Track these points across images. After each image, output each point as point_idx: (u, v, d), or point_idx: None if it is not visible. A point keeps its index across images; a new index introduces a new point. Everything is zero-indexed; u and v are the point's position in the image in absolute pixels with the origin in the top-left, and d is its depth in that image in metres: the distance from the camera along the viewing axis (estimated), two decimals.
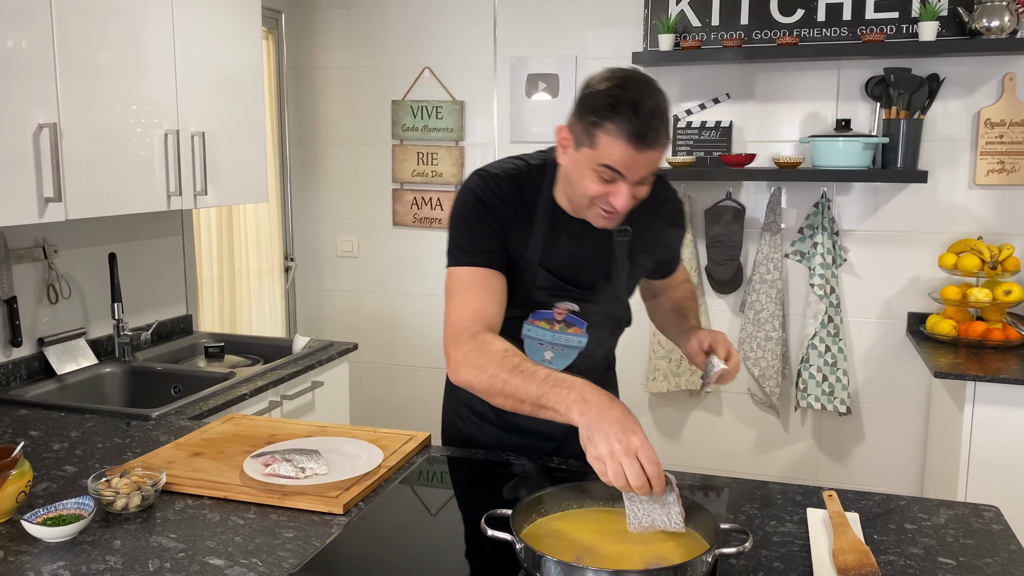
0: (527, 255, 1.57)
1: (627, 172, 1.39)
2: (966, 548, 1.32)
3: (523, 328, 1.63)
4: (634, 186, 1.42)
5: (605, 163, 1.39)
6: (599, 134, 1.37)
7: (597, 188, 1.43)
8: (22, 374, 2.38)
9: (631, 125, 1.34)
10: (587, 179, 1.43)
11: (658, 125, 1.36)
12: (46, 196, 2.04)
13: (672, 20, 3.18)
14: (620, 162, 1.38)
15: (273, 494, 1.46)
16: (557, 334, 1.64)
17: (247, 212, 3.57)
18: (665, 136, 1.39)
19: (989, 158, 3.04)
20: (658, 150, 1.39)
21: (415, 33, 3.62)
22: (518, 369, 1.35)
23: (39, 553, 1.29)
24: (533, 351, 1.65)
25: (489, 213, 1.53)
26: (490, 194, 1.54)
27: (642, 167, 1.39)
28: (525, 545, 1.15)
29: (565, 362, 1.66)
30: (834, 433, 3.36)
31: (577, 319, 1.64)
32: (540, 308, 1.63)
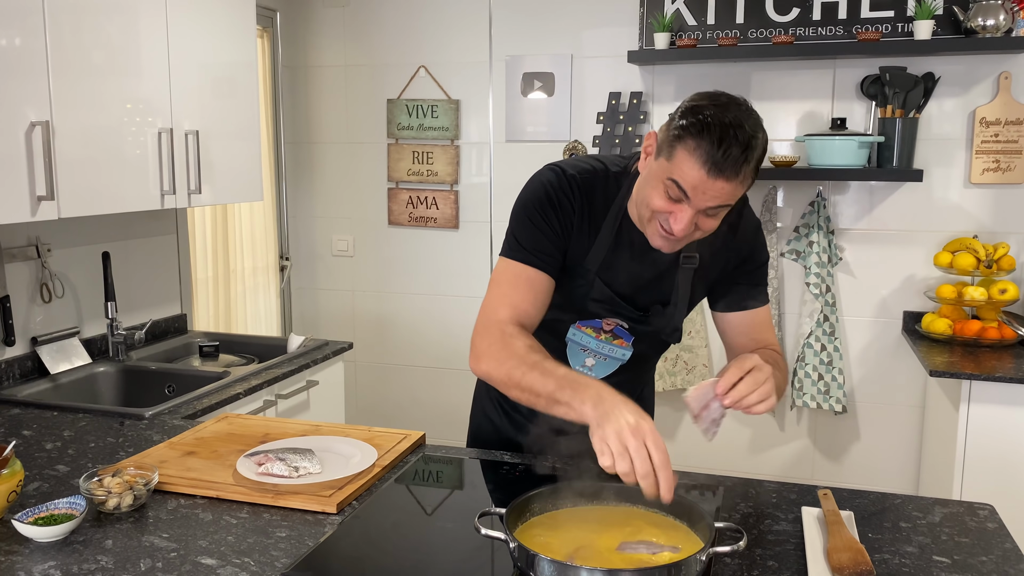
0: (586, 262, 1.52)
1: (693, 195, 1.31)
2: (961, 546, 1.32)
3: (568, 331, 1.60)
4: (699, 214, 1.34)
5: (674, 178, 1.32)
6: (679, 148, 1.31)
7: (661, 203, 1.35)
8: (15, 373, 2.37)
9: (712, 148, 1.27)
10: (655, 191, 1.36)
11: (741, 158, 1.28)
12: (39, 194, 2.03)
13: (668, 19, 3.18)
14: (689, 182, 1.30)
15: (266, 493, 1.46)
16: (602, 343, 1.60)
17: (242, 211, 3.56)
18: (747, 172, 1.30)
19: (984, 157, 3.04)
20: (733, 183, 1.30)
21: (410, 32, 3.61)
22: (539, 365, 1.34)
23: (30, 553, 1.28)
24: (575, 355, 1.62)
25: (554, 213, 1.48)
26: (560, 194, 1.49)
27: (710, 196, 1.31)
28: (518, 544, 1.15)
29: (605, 372, 1.63)
30: (830, 432, 3.36)
31: (625, 332, 1.59)
32: (589, 316, 1.58)
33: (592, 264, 1.52)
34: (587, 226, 1.51)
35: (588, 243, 1.51)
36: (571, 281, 1.53)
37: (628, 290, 1.54)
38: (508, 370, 1.37)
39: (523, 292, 1.47)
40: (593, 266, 1.52)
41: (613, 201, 1.51)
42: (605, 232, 1.50)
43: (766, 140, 1.33)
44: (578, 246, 1.51)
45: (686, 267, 1.53)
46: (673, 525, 1.29)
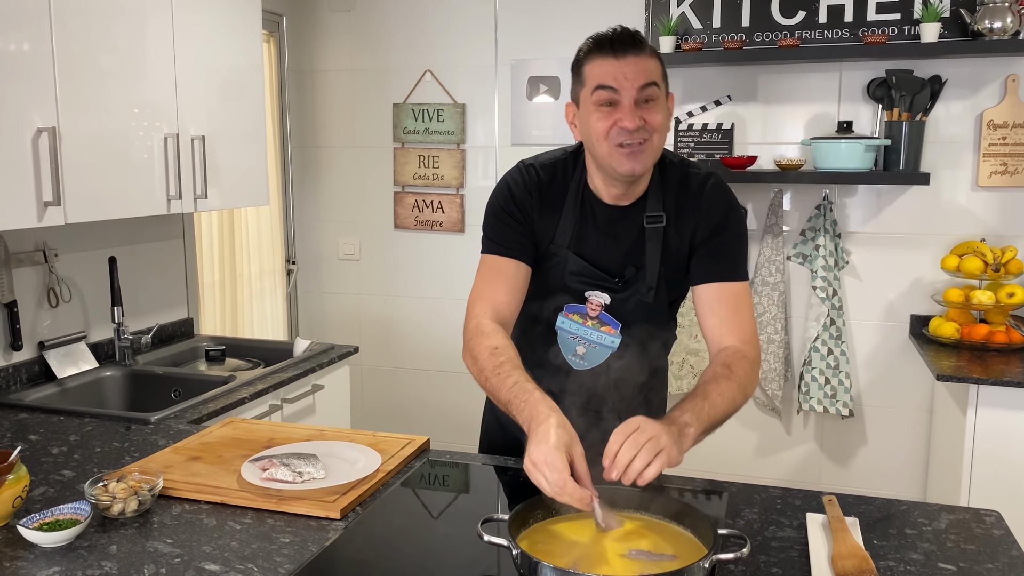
0: (557, 239, 1.60)
1: (617, 84, 1.43)
2: (966, 553, 1.31)
3: (557, 320, 1.64)
4: (637, 106, 1.44)
5: (597, 85, 1.44)
6: (585, 69, 1.48)
7: (604, 122, 1.45)
8: (22, 378, 2.38)
9: (604, 40, 1.46)
10: (594, 120, 1.46)
11: (631, 32, 1.45)
12: (45, 200, 2.04)
13: (673, 22, 3.17)
14: (606, 76, 1.43)
15: (270, 499, 1.46)
16: (590, 330, 1.63)
17: (248, 215, 3.57)
18: (644, 43, 1.46)
19: (992, 160, 3.03)
20: (641, 56, 1.44)
21: (416, 36, 3.62)
22: (496, 371, 1.42)
23: (35, 559, 1.29)
24: (566, 344, 1.66)
25: (516, 204, 1.59)
26: (519, 186, 1.60)
27: (631, 76, 1.43)
28: (521, 551, 1.14)
29: (597, 360, 1.65)
30: (837, 436, 3.35)
31: (611, 318, 1.62)
32: (573, 299, 1.63)
33: (562, 240, 1.60)
34: (552, 209, 1.60)
35: (556, 224, 1.60)
36: (548, 262, 1.62)
37: (600, 258, 1.60)
38: (478, 370, 1.48)
39: (495, 283, 1.58)
40: (564, 242, 1.60)
41: (573, 178, 1.61)
42: (569, 209, 1.60)
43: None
44: (546, 227, 1.60)
45: (652, 227, 1.58)
46: (677, 532, 1.29)
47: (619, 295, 1.61)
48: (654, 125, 1.46)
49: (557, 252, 1.60)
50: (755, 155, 3.20)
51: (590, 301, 1.62)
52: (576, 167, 1.61)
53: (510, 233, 1.59)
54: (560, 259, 1.60)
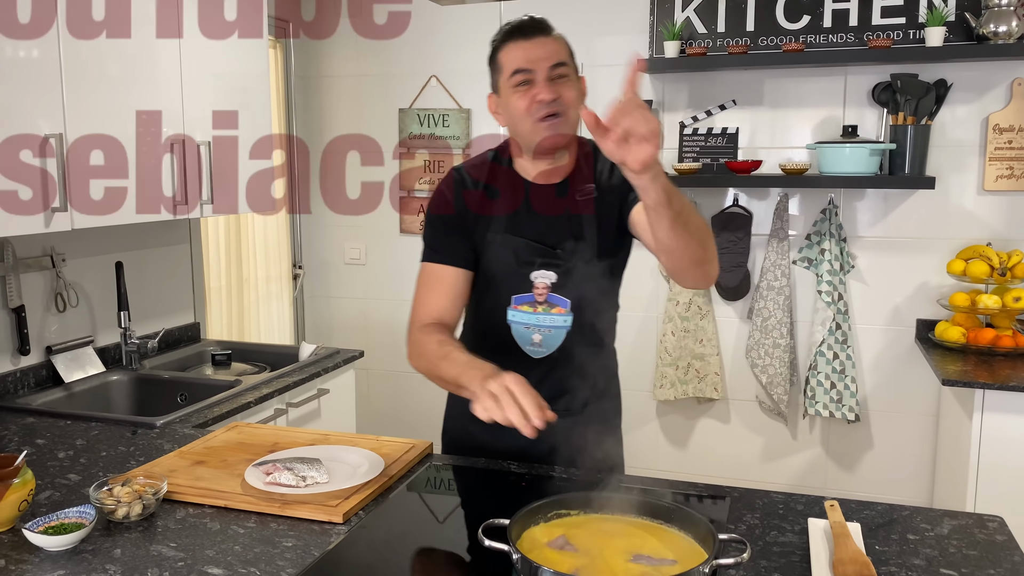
0: (493, 227, 1.67)
1: (531, 64, 1.56)
2: (969, 559, 1.31)
3: (508, 315, 1.68)
4: (551, 82, 1.56)
5: (513, 70, 1.57)
6: (500, 57, 1.60)
7: (523, 100, 1.57)
8: (30, 382, 2.40)
9: (514, 28, 1.60)
10: (514, 100, 1.58)
11: (541, 21, 1.60)
12: (52, 206, 2.05)
13: (678, 27, 3.18)
14: (520, 59, 1.57)
15: (273, 503, 1.47)
16: (541, 316, 1.67)
17: (255, 220, 3.59)
18: (550, 28, 1.61)
19: (998, 164, 3.02)
20: (550, 40, 1.59)
21: (421, 42, 3.63)
22: (445, 356, 1.53)
23: (40, 562, 1.30)
24: (521, 336, 1.69)
25: (446, 208, 1.69)
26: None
27: (541, 56, 1.56)
28: (521, 556, 1.15)
29: (555, 343, 1.69)
30: (842, 441, 3.34)
31: (559, 298, 1.66)
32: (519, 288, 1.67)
33: (498, 227, 1.67)
34: (484, 203, 1.68)
35: (490, 214, 1.68)
36: (489, 252, 1.68)
37: (539, 234, 1.67)
38: (426, 364, 1.58)
39: (433, 288, 1.68)
40: (500, 228, 1.67)
41: (502, 169, 1.70)
42: (504, 198, 1.68)
43: None
44: (483, 223, 1.68)
45: (582, 199, 1.66)
46: (678, 537, 1.29)
47: (563, 268, 1.66)
48: (568, 100, 1.58)
49: (495, 239, 1.67)
50: (760, 160, 3.20)
51: (536, 285, 1.66)
52: (502, 159, 1.71)
53: (445, 240, 1.68)
54: (499, 244, 1.66)
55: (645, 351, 3.47)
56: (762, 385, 3.34)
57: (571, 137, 1.64)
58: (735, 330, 3.40)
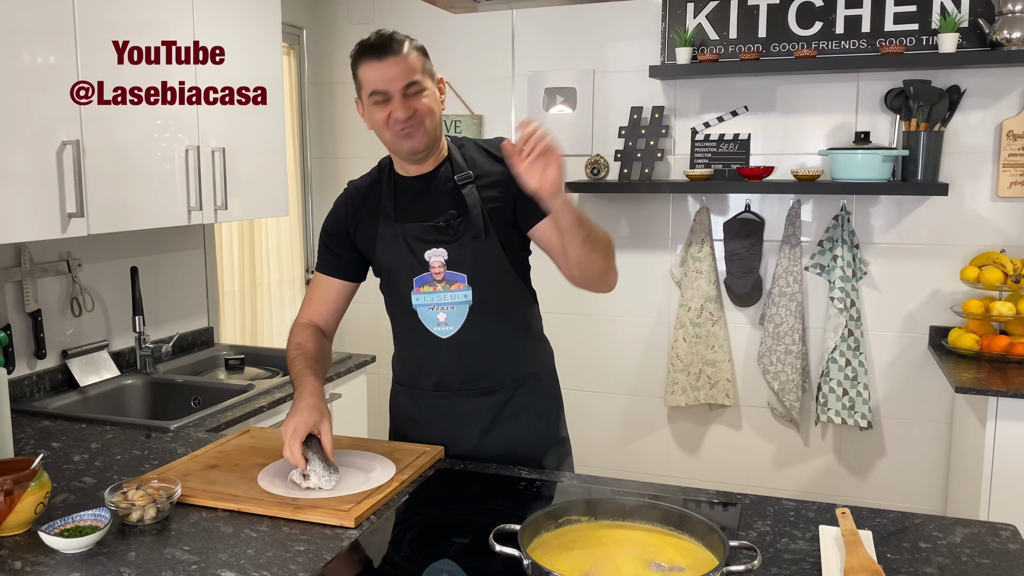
0: (381, 224, 1.76)
1: (385, 86, 1.63)
2: (981, 568, 1.31)
3: (412, 300, 1.76)
4: (405, 99, 1.64)
5: (370, 91, 1.64)
6: (358, 75, 1.67)
7: (380, 114, 1.66)
8: (46, 386, 2.42)
9: (366, 46, 1.65)
10: (373, 113, 1.67)
11: (389, 35, 1.65)
12: (69, 211, 2.08)
13: (689, 33, 3.18)
14: (375, 80, 1.63)
15: (286, 507, 1.48)
16: (441, 293, 1.74)
17: (269, 225, 3.61)
18: (409, 47, 1.65)
19: (1012, 170, 3.01)
20: (401, 55, 1.63)
21: (434, 47, 3.61)
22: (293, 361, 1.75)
23: (56, 564, 1.31)
24: (427, 317, 1.77)
25: (334, 223, 1.84)
26: (339, 205, 1.85)
27: (394, 76, 1.62)
28: (532, 561, 1.15)
29: (459, 320, 1.74)
30: (855, 448, 3.33)
31: (456, 274, 1.73)
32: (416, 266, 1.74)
33: (387, 219, 1.76)
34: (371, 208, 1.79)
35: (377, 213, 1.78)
36: (383, 245, 1.77)
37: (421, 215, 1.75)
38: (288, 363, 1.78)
39: (313, 295, 1.89)
40: (389, 219, 1.76)
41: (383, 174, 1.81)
42: (385, 195, 1.78)
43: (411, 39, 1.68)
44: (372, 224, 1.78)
45: (463, 183, 1.74)
46: (688, 544, 1.29)
47: (453, 243, 1.72)
48: (423, 111, 1.66)
49: (384, 233, 1.76)
50: (772, 166, 3.20)
51: (432, 264, 1.73)
52: (385, 167, 1.82)
53: (327, 254, 1.85)
54: (389, 236, 1.75)
55: (656, 357, 3.47)
56: (774, 392, 3.33)
57: (432, 139, 1.71)
58: (747, 336, 3.39)
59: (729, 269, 3.35)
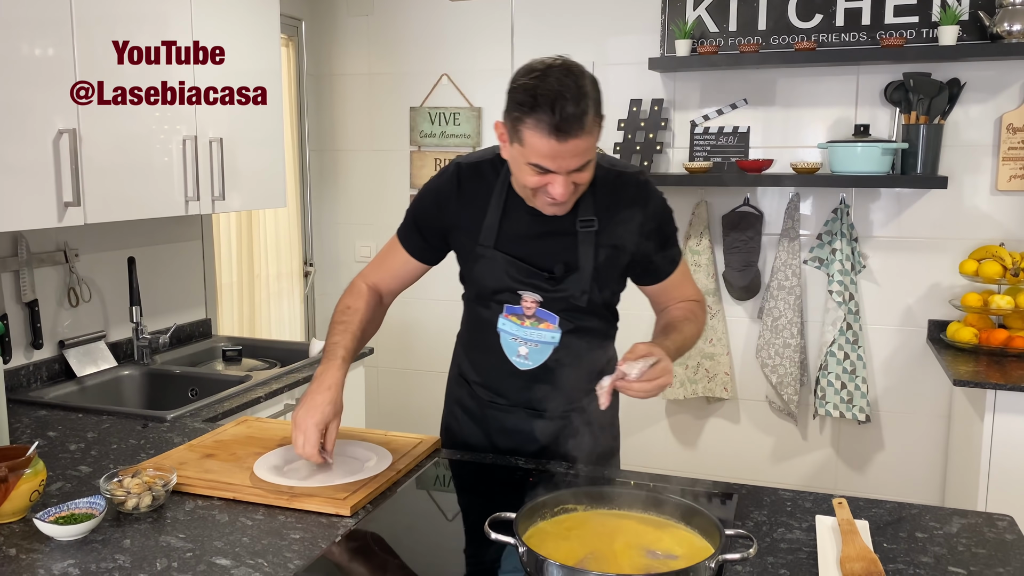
0: (482, 239, 1.62)
1: (554, 166, 1.41)
2: (978, 557, 1.30)
3: (498, 322, 1.66)
4: (570, 175, 1.44)
5: (532, 162, 1.42)
6: (523, 131, 1.40)
7: (534, 180, 1.45)
8: (43, 376, 2.42)
9: (550, 119, 1.36)
10: (523, 172, 1.46)
11: (579, 114, 1.37)
12: (65, 200, 2.07)
13: (689, 26, 3.17)
14: (546, 156, 1.40)
15: (281, 496, 1.47)
16: (528, 329, 1.64)
17: (267, 217, 3.60)
18: (591, 122, 1.40)
19: (1011, 163, 3.00)
20: (584, 138, 1.39)
21: (433, 40, 3.64)
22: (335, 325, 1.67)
23: (50, 551, 1.31)
24: (508, 346, 1.67)
25: (433, 202, 1.67)
26: (441, 182, 1.67)
27: (568, 158, 1.41)
28: (527, 548, 1.15)
29: (540, 358, 1.65)
30: (853, 441, 3.33)
31: (548, 313, 1.62)
32: (510, 300, 1.63)
33: (487, 240, 1.62)
34: (472, 208, 1.63)
35: (480, 220, 1.62)
36: (478, 263, 1.65)
37: (530, 256, 1.61)
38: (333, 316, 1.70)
39: (385, 261, 1.77)
40: (489, 242, 1.62)
41: (499, 179, 1.62)
42: (492, 208, 1.62)
43: (594, 82, 1.43)
44: (469, 227, 1.64)
45: (585, 231, 1.59)
46: (685, 533, 1.29)
47: (551, 293, 1.61)
48: (582, 183, 1.48)
49: (484, 253, 1.63)
50: (771, 159, 3.19)
51: (524, 299, 1.62)
52: (503, 167, 1.60)
53: (414, 233, 1.71)
54: (488, 259, 1.63)
55: None
56: (772, 385, 3.32)
57: None
58: (745, 330, 3.39)
59: (728, 262, 3.34)
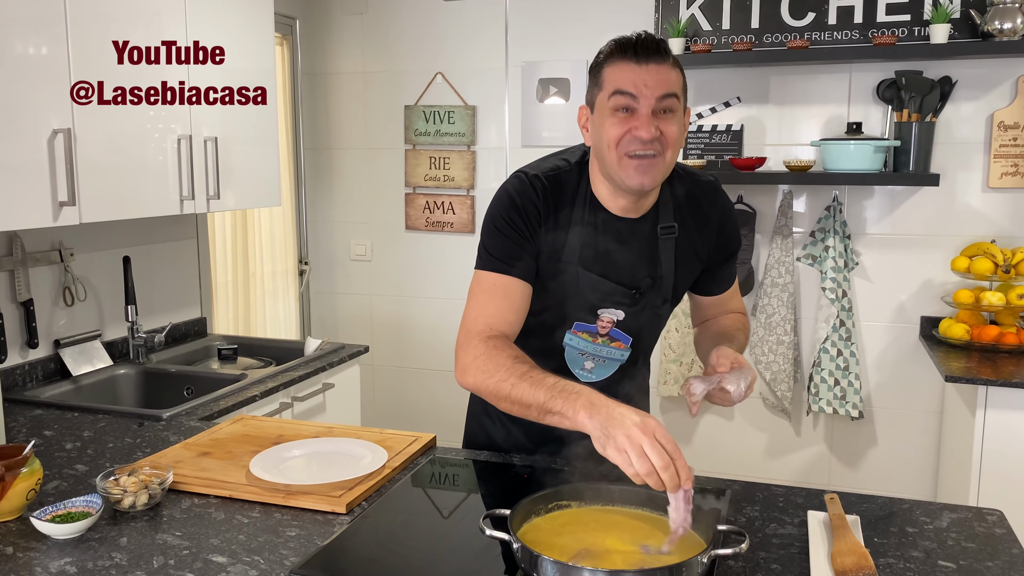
0: (565, 256, 1.52)
1: (636, 91, 1.38)
2: (967, 552, 1.32)
3: (565, 336, 1.59)
4: (655, 116, 1.39)
5: (615, 90, 1.39)
6: (604, 72, 1.41)
7: (617, 129, 1.40)
8: (38, 375, 2.42)
9: (628, 45, 1.40)
10: (607, 125, 1.41)
11: (655, 40, 1.40)
12: (60, 200, 2.07)
13: (682, 24, 3.18)
14: (627, 81, 1.38)
15: (277, 493, 1.48)
16: (599, 347, 1.60)
17: (262, 216, 3.61)
18: (667, 51, 1.41)
19: (1003, 161, 3.02)
20: (664, 65, 1.39)
21: (428, 39, 3.65)
22: (527, 376, 1.35)
23: (47, 550, 1.32)
24: (573, 360, 1.62)
25: (521, 218, 1.50)
26: (523, 198, 1.50)
27: (651, 84, 1.38)
28: (522, 545, 1.16)
29: (606, 373, 1.64)
30: (846, 438, 3.35)
31: (622, 334, 1.59)
32: (584, 314, 1.57)
33: (571, 257, 1.52)
34: (558, 222, 1.52)
35: (563, 238, 1.52)
36: (556, 280, 1.54)
37: (612, 272, 1.54)
38: (496, 383, 1.38)
39: (499, 301, 1.49)
40: (573, 259, 1.52)
41: (579, 190, 1.53)
42: (577, 223, 1.52)
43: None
44: (553, 243, 1.52)
45: (665, 237, 1.55)
46: None
47: (633, 308, 1.57)
48: (669, 138, 1.41)
49: (565, 269, 1.52)
50: (764, 156, 3.21)
51: (601, 319, 1.56)
52: (581, 177, 1.53)
53: (514, 249, 1.50)
54: (570, 276, 1.53)
55: None
56: (766, 382, 3.34)
57: (664, 177, 1.47)
58: None
59: None
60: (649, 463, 1.15)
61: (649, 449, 1.16)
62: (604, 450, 1.20)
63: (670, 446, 1.17)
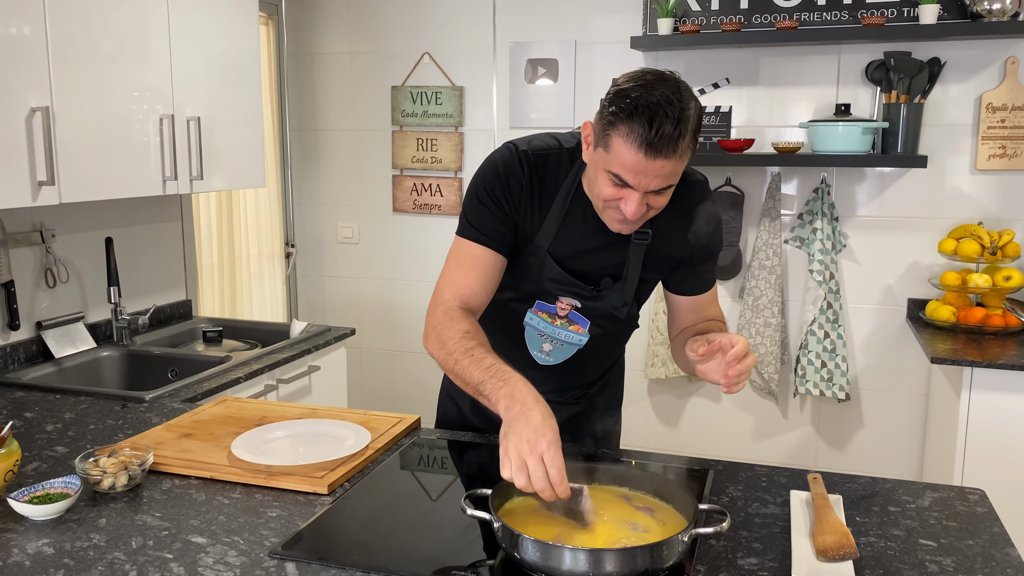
0: (537, 239, 1.53)
1: (635, 181, 1.32)
2: (948, 530, 1.32)
3: (526, 316, 1.61)
4: (647, 195, 1.36)
5: (614, 171, 1.33)
6: (613, 137, 1.31)
7: (609, 191, 1.37)
8: (20, 357, 2.40)
9: (645, 130, 1.27)
10: (601, 181, 1.38)
11: (675, 133, 1.27)
12: (39, 179, 2.05)
13: (671, 4, 3.16)
14: (629, 169, 1.31)
15: (259, 474, 1.47)
16: (557, 328, 1.60)
17: (247, 198, 3.58)
18: (683, 146, 1.30)
19: (991, 143, 3.02)
20: (672, 160, 1.30)
21: (414, 18, 3.61)
22: (469, 353, 1.36)
23: (25, 531, 1.30)
24: (532, 341, 1.63)
25: (502, 189, 1.49)
26: (508, 170, 1.50)
27: (651, 177, 1.32)
28: (503, 524, 1.16)
29: (563, 356, 1.64)
30: (833, 419, 3.36)
31: (580, 317, 1.59)
32: (544, 298, 1.58)
33: (543, 241, 1.53)
34: (537, 203, 1.51)
35: (539, 220, 1.52)
36: (523, 260, 1.55)
37: (579, 265, 1.55)
38: (445, 355, 1.40)
39: (468, 271, 1.50)
40: (544, 243, 1.53)
41: (565, 177, 1.51)
42: (555, 209, 1.51)
43: (699, 110, 1.33)
44: (529, 222, 1.52)
45: (637, 243, 1.54)
46: (660, 507, 1.29)
47: (590, 302, 1.58)
48: (656, 207, 1.40)
49: (535, 252, 1.54)
50: (752, 138, 3.19)
51: (560, 301, 1.58)
52: (572, 165, 1.51)
53: (491, 220, 1.50)
54: (537, 260, 1.54)
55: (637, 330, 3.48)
56: None
57: None
58: (726, 309, 3.40)
59: None
60: (525, 478, 1.17)
61: (531, 467, 1.17)
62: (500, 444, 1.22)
63: (553, 472, 1.16)
